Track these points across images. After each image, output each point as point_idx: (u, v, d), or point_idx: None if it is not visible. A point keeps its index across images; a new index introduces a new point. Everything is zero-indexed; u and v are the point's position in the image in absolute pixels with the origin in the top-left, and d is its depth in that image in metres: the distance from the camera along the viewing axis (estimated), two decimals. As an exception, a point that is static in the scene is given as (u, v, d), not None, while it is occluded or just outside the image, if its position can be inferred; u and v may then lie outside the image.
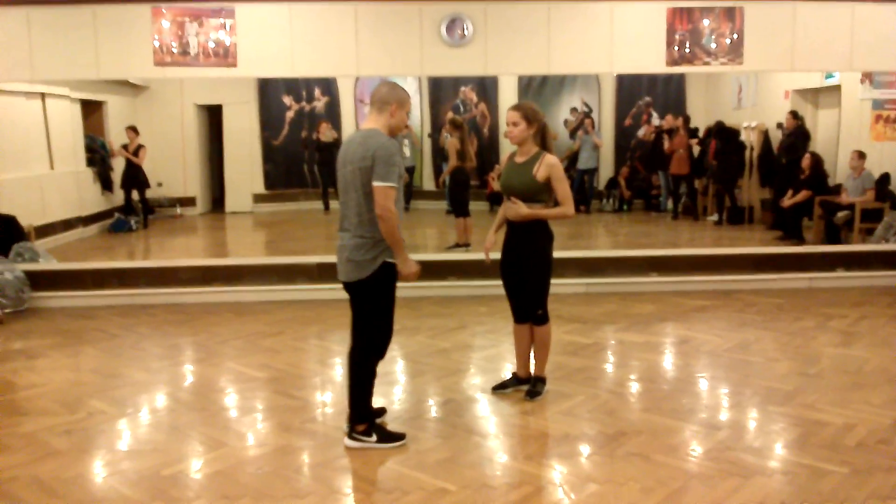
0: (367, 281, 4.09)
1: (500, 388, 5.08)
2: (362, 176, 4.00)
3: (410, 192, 14.58)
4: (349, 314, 4.23)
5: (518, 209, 4.64)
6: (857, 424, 4.43)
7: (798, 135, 11.01)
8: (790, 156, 10.97)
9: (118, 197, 12.74)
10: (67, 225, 11.21)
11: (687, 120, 12.94)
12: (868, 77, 8.71)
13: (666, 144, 12.85)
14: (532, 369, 5.06)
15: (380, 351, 4.25)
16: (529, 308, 4.88)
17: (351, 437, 4.27)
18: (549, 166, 4.63)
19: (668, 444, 4.20)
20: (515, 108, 4.75)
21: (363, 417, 4.27)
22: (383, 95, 4.16)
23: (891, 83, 8.37)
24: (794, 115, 11.13)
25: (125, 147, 12.41)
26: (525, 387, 5.04)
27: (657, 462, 3.98)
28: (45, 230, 10.33)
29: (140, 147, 12.41)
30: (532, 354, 5.02)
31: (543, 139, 4.76)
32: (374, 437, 4.25)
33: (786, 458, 4.06)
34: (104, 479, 3.93)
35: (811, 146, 11.08)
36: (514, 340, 5.09)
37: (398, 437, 4.31)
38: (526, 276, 4.80)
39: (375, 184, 3.96)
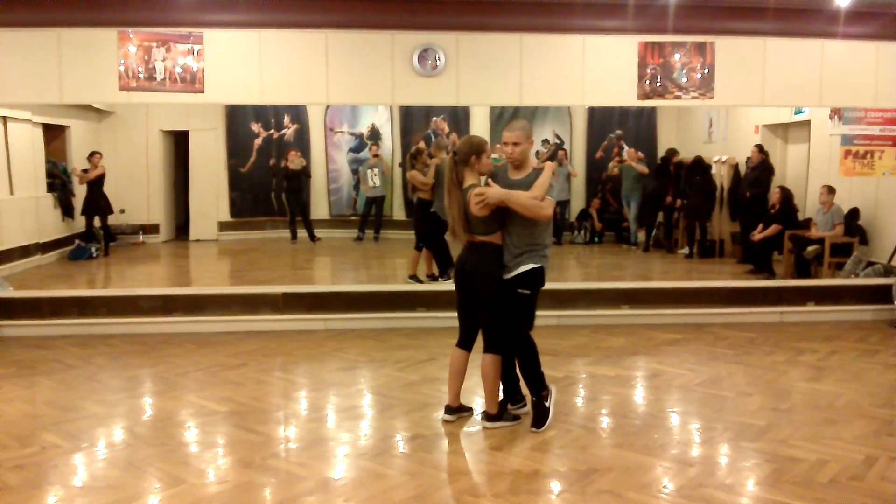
0: None
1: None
2: None
3: (380, 222, 14.51)
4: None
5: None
6: (830, 460, 4.40)
7: (762, 169, 11.12)
8: (755, 189, 11.07)
9: (78, 223, 12.48)
10: (25, 252, 10.93)
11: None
12: (837, 113, 8.81)
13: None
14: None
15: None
16: None
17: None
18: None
19: (639, 482, 4.13)
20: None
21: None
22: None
23: (860, 119, 8.47)
24: (759, 148, 11.25)
25: (86, 172, 12.16)
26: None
27: (629, 499, 3.90)
28: (2, 257, 10.08)
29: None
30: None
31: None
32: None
33: (758, 494, 4.00)
34: (53, 518, 3.75)
35: (776, 180, 11.19)
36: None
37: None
38: None
39: None
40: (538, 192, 4.68)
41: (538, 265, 4.82)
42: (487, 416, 4.99)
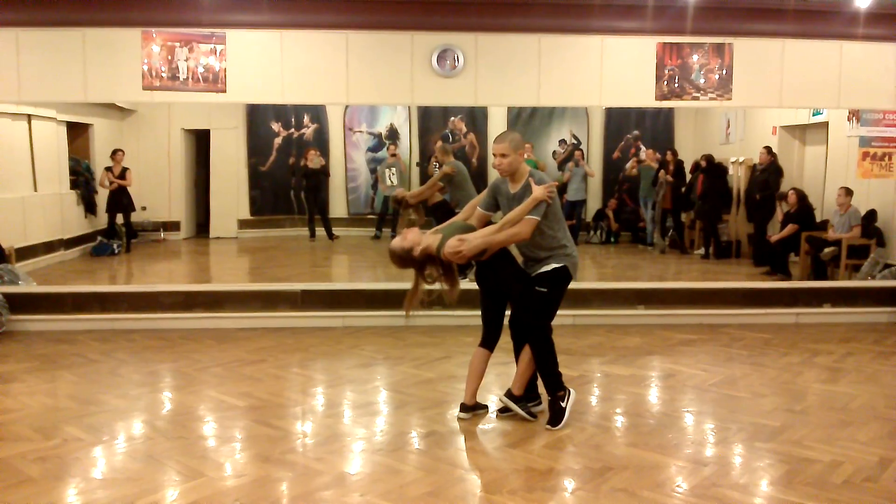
0: None
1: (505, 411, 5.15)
2: None
3: (397, 221, 14.55)
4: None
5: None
6: (844, 462, 4.40)
7: (771, 170, 11.07)
8: (763, 191, 11.02)
9: (101, 220, 12.63)
10: (49, 247, 11.08)
11: (675, 154, 13.00)
12: (855, 114, 8.79)
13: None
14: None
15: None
16: None
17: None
18: None
19: (653, 480, 4.14)
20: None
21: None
22: None
23: (878, 121, 8.43)
24: (768, 150, 11.20)
25: (109, 170, 12.30)
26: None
27: (643, 498, 3.92)
28: (26, 252, 10.21)
29: (125, 169, 12.33)
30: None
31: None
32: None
33: (772, 495, 4.01)
34: (76, 508, 3.82)
35: (788, 182, 11.12)
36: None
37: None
38: None
39: None
40: (505, 226, 4.74)
41: (560, 265, 4.88)
42: (508, 393, 5.08)
